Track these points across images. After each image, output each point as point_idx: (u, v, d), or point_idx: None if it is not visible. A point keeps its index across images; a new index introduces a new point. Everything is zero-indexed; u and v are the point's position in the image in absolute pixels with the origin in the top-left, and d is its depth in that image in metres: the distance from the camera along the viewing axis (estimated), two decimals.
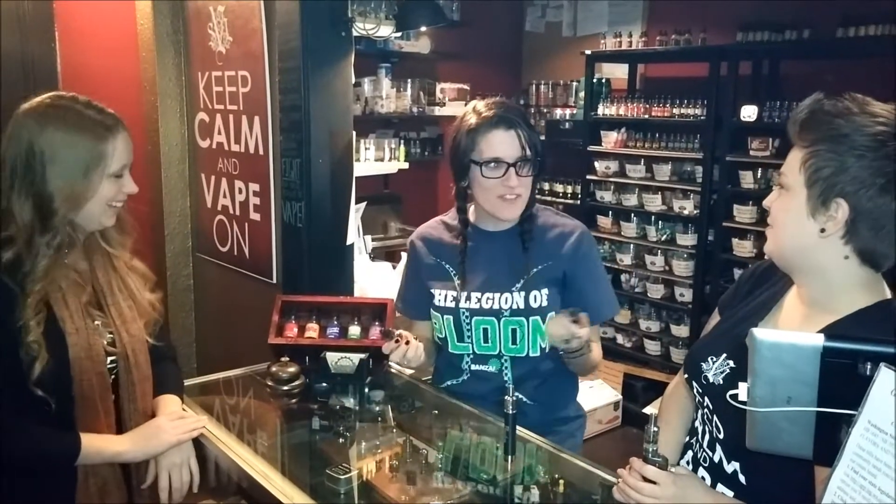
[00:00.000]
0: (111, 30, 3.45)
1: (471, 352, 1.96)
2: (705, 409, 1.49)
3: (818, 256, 1.31)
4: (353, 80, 2.50)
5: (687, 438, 1.58)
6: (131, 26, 3.35)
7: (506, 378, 1.92)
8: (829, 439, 1.06)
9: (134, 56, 3.36)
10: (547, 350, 1.90)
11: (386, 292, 2.75)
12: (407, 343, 1.86)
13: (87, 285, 1.64)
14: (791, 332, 1.06)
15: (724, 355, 1.46)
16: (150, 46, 3.25)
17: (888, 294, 1.33)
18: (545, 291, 1.87)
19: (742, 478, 1.39)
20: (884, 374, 0.95)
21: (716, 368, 1.46)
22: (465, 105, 5.40)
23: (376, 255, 3.45)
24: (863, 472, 0.93)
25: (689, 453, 1.54)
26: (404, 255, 3.09)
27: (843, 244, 1.27)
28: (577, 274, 1.89)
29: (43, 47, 3.30)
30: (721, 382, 1.44)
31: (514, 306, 1.87)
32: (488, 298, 1.90)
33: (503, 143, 1.81)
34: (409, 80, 5.16)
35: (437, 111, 5.31)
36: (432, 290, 1.99)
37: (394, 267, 2.99)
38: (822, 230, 1.27)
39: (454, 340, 1.97)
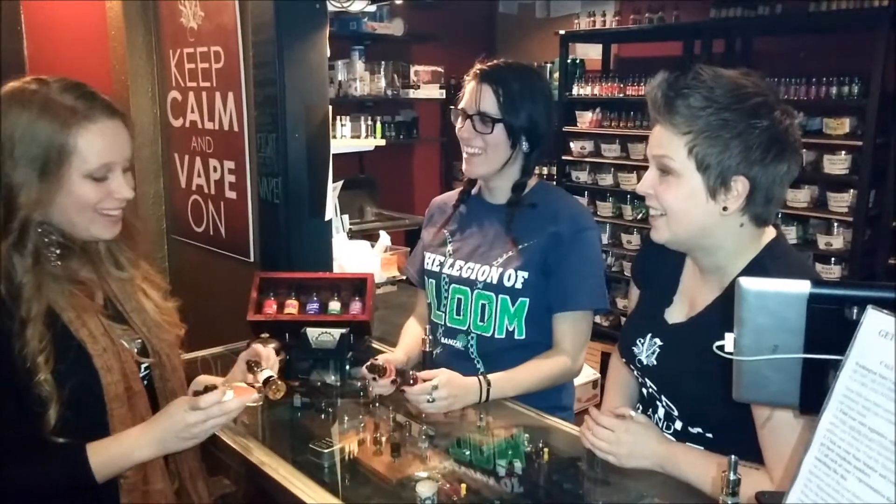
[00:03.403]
0: (79, 8, 3.37)
1: (444, 322, 1.94)
2: (650, 389, 1.52)
3: (717, 232, 1.35)
4: (329, 54, 2.46)
5: (640, 409, 1.60)
6: (100, 4, 3.27)
7: (472, 356, 1.90)
8: (816, 387, 1.06)
9: (103, 35, 3.28)
10: (516, 337, 1.85)
11: (365, 270, 2.72)
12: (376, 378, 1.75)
13: (99, 291, 1.42)
14: (777, 279, 1.05)
15: (650, 335, 1.50)
16: (120, 24, 3.17)
17: (770, 231, 1.40)
18: (523, 274, 1.82)
19: (709, 435, 1.42)
20: (871, 315, 0.95)
21: (647, 350, 1.50)
22: (440, 87, 5.43)
23: (353, 238, 3.42)
24: (852, 412, 0.93)
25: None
26: (383, 234, 3.09)
27: (741, 215, 1.33)
28: (554, 258, 1.82)
29: (9, 30, 3.21)
30: (655, 363, 1.48)
31: (489, 280, 1.85)
32: (469, 268, 1.89)
33: (468, 95, 1.83)
34: (383, 63, 5.12)
35: (412, 94, 5.28)
36: (425, 254, 2.00)
37: (372, 245, 2.97)
38: (725, 208, 1.31)
39: (435, 307, 1.97)
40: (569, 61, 5.16)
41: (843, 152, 3.92)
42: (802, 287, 1.04)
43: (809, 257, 4.05)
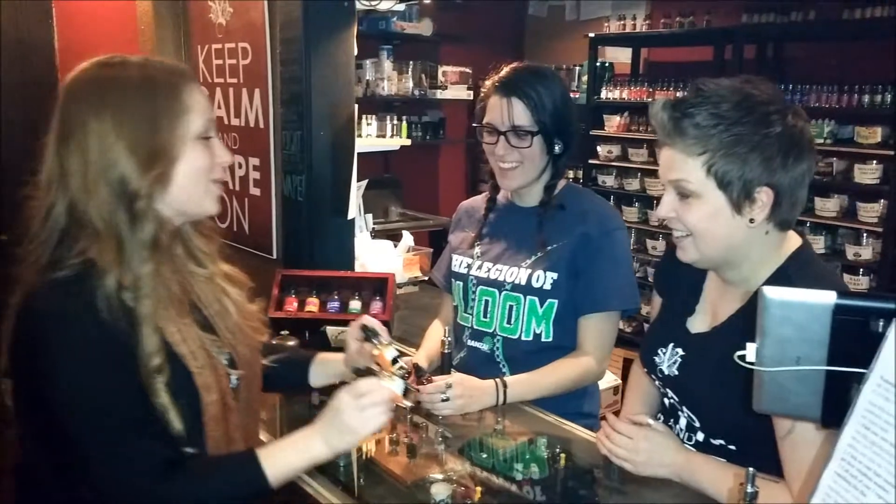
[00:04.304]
0: (110, 3, 3.42)
1: (470, 324, 1.93)
2: (671, 400, 1.50)
3: (746, 244, 1.33)
4: (356, 53, 2.47)
5: (661, 418, 1.57)
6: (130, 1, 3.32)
7: (498, 360, 1.88)
8: (839, 400, 1.04)
9: (132, 30, 3.33)
10: (543, 339, 1.84)
11: (387, 270, 2.72)
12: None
13: (186, 300, 1.29)
14: (801, 289, 1.03)
15: (672, 345, 1.48)
16: (149, 20, 3.21)
17: (795, 239, 1.38)
18: (552, 275, 1.80)
19: (732, 447, 1.40)
20: None
21: (668, 360, 1.48)
22: (468, 88, 5.42)
23: (377, 237, 3.43)
24: (874, 427, 0.91)
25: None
26: (406, 234, 3.09)
27: (766, 223, 1.31)
28: (583, 259, 1.80)
29: (40, 24, 3.26)
30: (677, 373, 1.46)
31: (517, 281, 1.83)
32: (497, 269, 1.87)
33: (495, 110, 1.79)
34: (411, 63, 5.13)
35: (439, 94, 5.28)
36: (452, 256, 1.98)
37: (395, 245, 2.97)
38: (752, 220, 1.29)
39: (462, 310, 1.95)
40: (598, 65, 5.13)
41: (875, 161, 3.85)
42: (827, 298, 1.02)
43: (837, 267, 3.98)
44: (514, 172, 1.81)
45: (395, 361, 1.43)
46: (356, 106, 2.47)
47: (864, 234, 3.91)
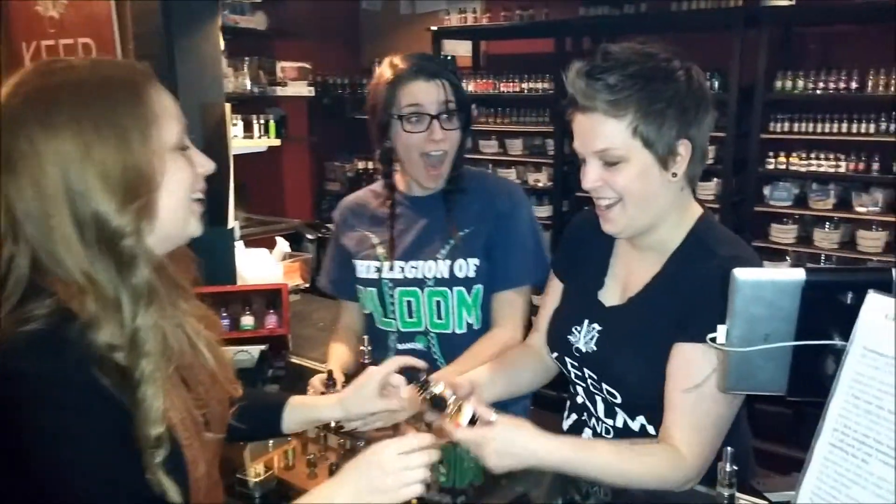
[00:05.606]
0: None
1: (395, 328, 1.84)
2: (588, 381, 1.49)
3: (668, 202, 1.36)
4: (223, 46, 2.27)
5: (574, 416, 1.57)
6: None
7: (435, 357, 1.81)
8: (806, 373, 1.07)
9: None
10: (476, 327, 1.80)
11: (265, 279, 2.55)
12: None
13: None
14: (771, 269, 1.06)
15: (587, 321, 1.47)
16: None
17: (697, 206, 1.43)
18: (473, 261, 1.77)
19: (650, 429, 1.41)
20: (872, 300, 0.96)
21: (585, 337, 1.47)
22: (308, 85, 5.20)
23: None
24: (865, 396, 0.94)
25: (587, 430, 1.53)
26: (280, 240, 2.92)
27: (682, 178, 1.35)
28: (497, 237, 1.79)
29: None
30: (595, 348, 1.45)
31: (439, 275, 1.77)
32: (413, 267, 1.79)
33: (423, 94, 1.70)
34: (247, 59, 4.86)
35: (279, 91, 5.05)
36: (354, 262, 1.85)
37: (270, 252, 2.80)
38: (674, 174, 1.32)
39: (380, 316, 1.85)
40: (441, 58, 5.15)
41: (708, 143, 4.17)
42: (797, 275, 1.05)
43: None
44: (445, 164, 1.75)
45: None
46: (228, 106, 2.27)
47: None
